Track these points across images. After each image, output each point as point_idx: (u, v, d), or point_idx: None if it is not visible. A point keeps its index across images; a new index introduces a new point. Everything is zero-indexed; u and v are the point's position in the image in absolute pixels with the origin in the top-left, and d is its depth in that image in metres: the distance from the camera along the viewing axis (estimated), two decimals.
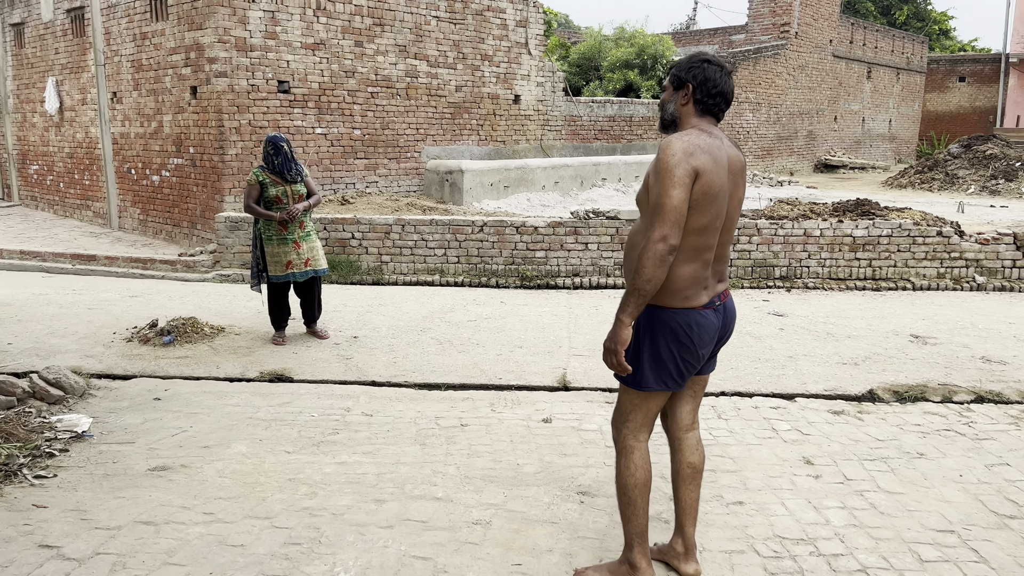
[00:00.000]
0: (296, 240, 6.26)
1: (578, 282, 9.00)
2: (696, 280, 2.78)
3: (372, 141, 11.75)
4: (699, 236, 2.73)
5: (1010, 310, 7.60)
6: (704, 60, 2.83)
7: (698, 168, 2.65)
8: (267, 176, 6.18)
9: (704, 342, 2.83)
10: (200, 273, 9.54)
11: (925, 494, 3.72)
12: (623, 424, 2.95)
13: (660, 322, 2.79)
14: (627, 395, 2.94)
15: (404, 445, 4.31)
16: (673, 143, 2.69)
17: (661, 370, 2.83)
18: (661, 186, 2.65)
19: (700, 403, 3.13)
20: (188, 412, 4.80)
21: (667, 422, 3.10)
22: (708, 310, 2.82)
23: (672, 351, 2.80)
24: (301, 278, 6.30)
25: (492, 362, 5.89)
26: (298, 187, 6.25)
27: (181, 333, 6.37)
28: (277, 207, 6.19)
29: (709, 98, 2.81)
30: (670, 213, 2.62)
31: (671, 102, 2.89)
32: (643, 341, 2.83)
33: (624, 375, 2.88)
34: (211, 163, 10.21)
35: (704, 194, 2.67)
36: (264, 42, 10.19)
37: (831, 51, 23.91)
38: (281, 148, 6.15)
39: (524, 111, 13.97)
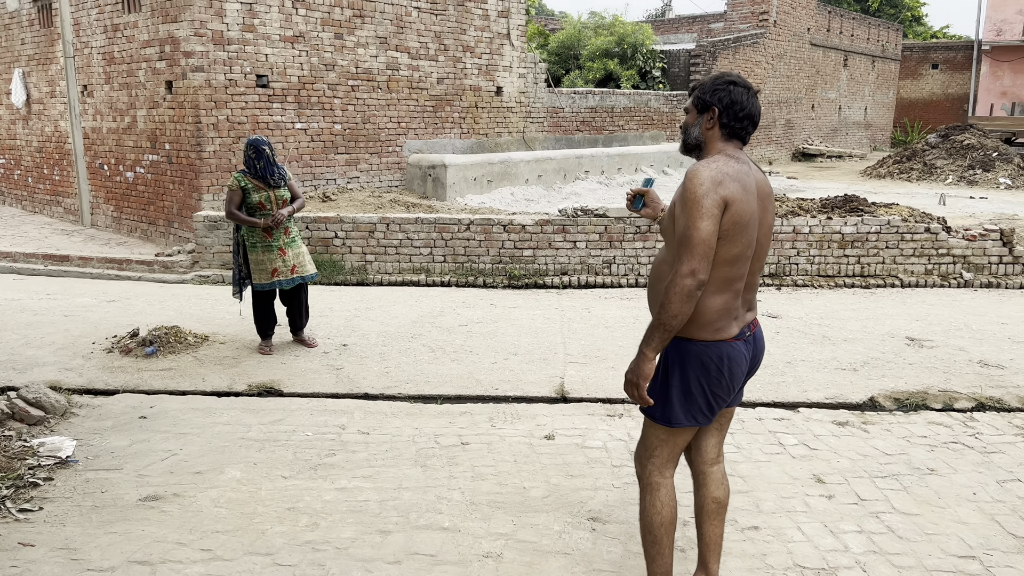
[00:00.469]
0: (282, 247, 6.06)
1: (567, 281, 8.88)
2: (727, 311, 2.67)
3: (353, 136, 11.52)
4: (730, 267, 2.62)
5: (1001, 309, 7.61)
6: (729, 82, 2.70)
7: (727, 197, 2.53)
8: (249, 181, 5.97)
9: (736, 375, 2.73)
10: (179, 274, 9.29)
11: (941, 515, 3.66)
12: (648, 460, 2.84)
13: (690, 355, 2.68)
14: (653, 430, 2.82)
15: (405, 467, 4.18)
16: (701, 172, 2.56)
17: (691, 405, 2.72)
18: (689, 218, 2.53)
19: (725, 436, 3.02)
20: (176, 432, 4.62)
21: (691, 455, 2.99)
22: (739, 341, 2.72)
23: (702, 385, 2.69)
24: (288, 285, 6.11)
25: (487, 371, 5.76)
26: (281, 192, 6.05)
27: (164, 343, 6.16)
28: (260, 213, 5.99)
29: (736, 121, 2.69)
30: (698, 246, 2.51)
31: (695, 126, 2.76)
32: (671, 375, 2.72)
33: (646, 407, 2.77)
34: (188, 160, 9.93)
35: (734, 224, 2.56)
36: (242, 35, 9.90)
37: (809, 39, 23.93)
38: (263, 152, 5.93)
39: (506, 103, 13.78)
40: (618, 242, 9.06)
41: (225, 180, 10.01)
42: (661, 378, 2.75)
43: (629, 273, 9.06)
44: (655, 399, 2.77)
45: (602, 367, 5.84)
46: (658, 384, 2.76)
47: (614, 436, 4.59)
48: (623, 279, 8.95)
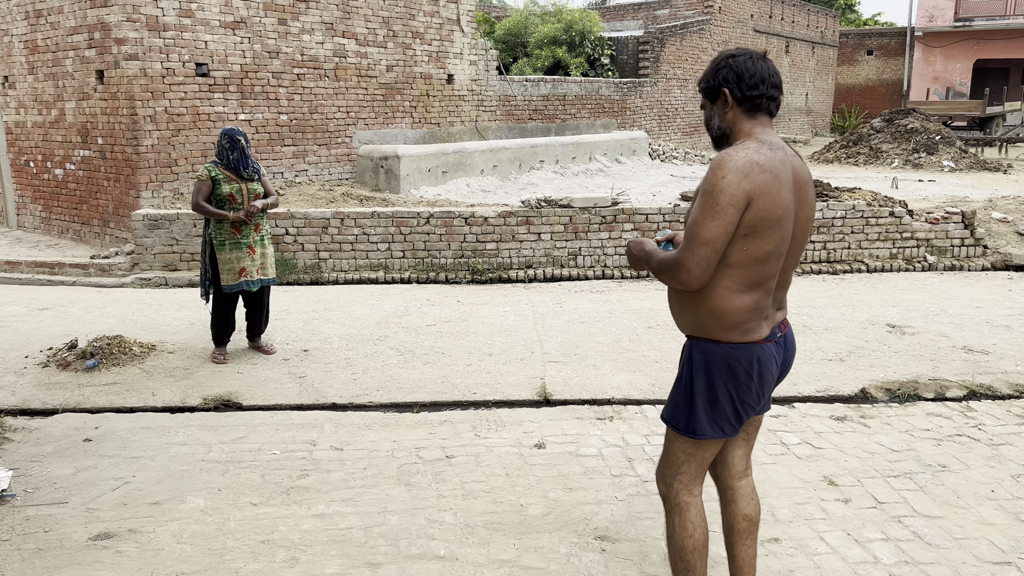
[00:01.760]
0: (251, 244, 5.62)
1: (532, 274, 8.57)
2: (757, 311, 2.39)
3: (300, 127, 10.98)
4: (762, 265, 2.34)
5: (972, 292, 7.57)
6: (728, 56, 2.45)
7: (753, 191, 2.25)
8: (220, 172, 5.52)
9: (766, 380, 2.45)
10: (117, 277, 8.68)
11: (964, 516, 3.47)
12: (674, 477, 2.55)
13: (716, 359, 2.40)
14: (678, 443, 2.53)
15: (388, 487, 3.81)
16: (726, 161, 2.28)
17: (718, 414, 2.44)
18: (700, 210, 2.27)
19: (753, 446, 2.75)
20: (127, 456, 4.16)
21: (716, 469, 2.71)
22: (769, 343, 2.44)
23: (730, 392, 2.41)
24: (255, 287, 5.67)
25: (462, 374, 5.41)
26: (254, 186, 5.63)
27: (107, 355, 5.64)
28: (230, 207, 5.54)
29: (751, 91, 2.41)
30: (701, 247, 2.25)
31: (713, 116, 2.50)
32: (696, 381, 2.44)
33: (668, 417, 2.50)
34: (124, 155, 9.29)
35: (763, 219, 2.27)
36: (179, 21, 9.28)
37: (752, 26, 24.05)
38: (237, 142, 5.50)
39: (458, 91, 13.37)
40: (583, 233, 8.78)
41: (165, 176, 9.40)
42: (685, 384, 2.47)
43: (595, 264, 8.80)
44: (679, 408, 2.49)
45: (583, 365, 5.55)
46: (682, 391, 2.48)
47: (608, 442, 4.30)
48: (589, 271, 8.68)
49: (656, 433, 4.42)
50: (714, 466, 2.73)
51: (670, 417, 2.51)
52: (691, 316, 2.43)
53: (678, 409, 2.48)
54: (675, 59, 20.16)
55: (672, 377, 5.29)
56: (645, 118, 19.24)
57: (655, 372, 5.41)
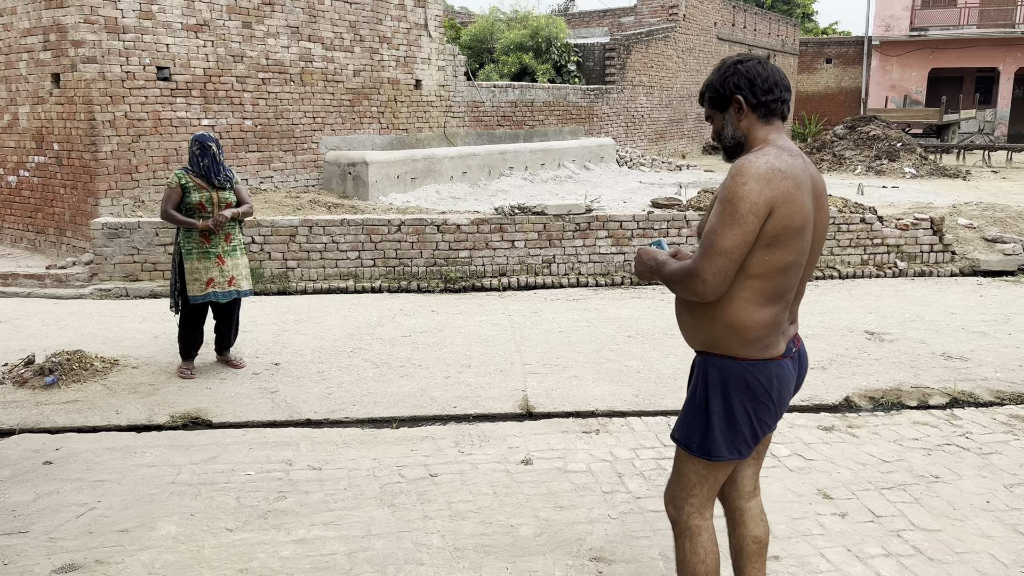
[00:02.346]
0: (220, 255, 5.41)
1: (506, 282, 8.45)
2: (776, 325, 2.29)
3: (265, 132, 10.72)
4: (782, 277, 2.24)
5: (945, 298, 7.62)
6: (735, 62, 2.34)
7: (775, 199, 2.14)
8: (191, 179, 5.31)
9: (784, 398, 2.36)
10: (75, 288, 8.35)
11: (963, 529, 3.41)
12: (685, 500, 2.44)
13: (734, 377, 2.29)
14: (691, 465, 2.42)
15: (370, 509, 3.64)
16: (747, 166, 2.17)
17: (735, 435, 2.33)
18: (719, 219, 2.15)
19: (762, 465, 2.65)
20: (92, 480, 3.93)
21: (725, 489, 2.60)
22: (787, 359, 2.35)
23: (747, 411, 2.31)
24: (223, 298, 5.45)
25: (441, 387, 5.26)
26: (226, 194, 5.42)
27: (66, 371, 5.38)
28: (200, 215, 5.33)
29: (765, 95, 2.31)
30: (719, 256, 2.15)
31: (726, 125, 2.37)
32: (712, 400, 2.32)
33: (680, 437, 2.39)
34: (81, 161, 8.96)
35: (785, 228, 2.17)
36: (139, 23, 8.99)
37: (716, 33, 24.26)
38: (208, 148, 5.31)
39: (426, 97, 13.21)
40: (557, 240, 8.68)
41: (125, 183, 9.09)
42: (700, 403, 2.36)
43: (570, 272, 8.70)
44: (693, 428, 2.37)
45: (564, 376, 5.43)
46: (696, 410, 2.37)
47: (596, 456, 4.19)
48: (564, 279, 8.58)
49: (644, 447, 4.31)
50: (722, 487, 2.62)
51: (683, 437, 2.40)
52: (706, 331, 2.32)
53: (691, 429, 2.37)
54: (641, 66, 20.23)
55: (655, 387, 5.22)
56: (612, 125, 19.27)
57: (638, 383, 5.31)
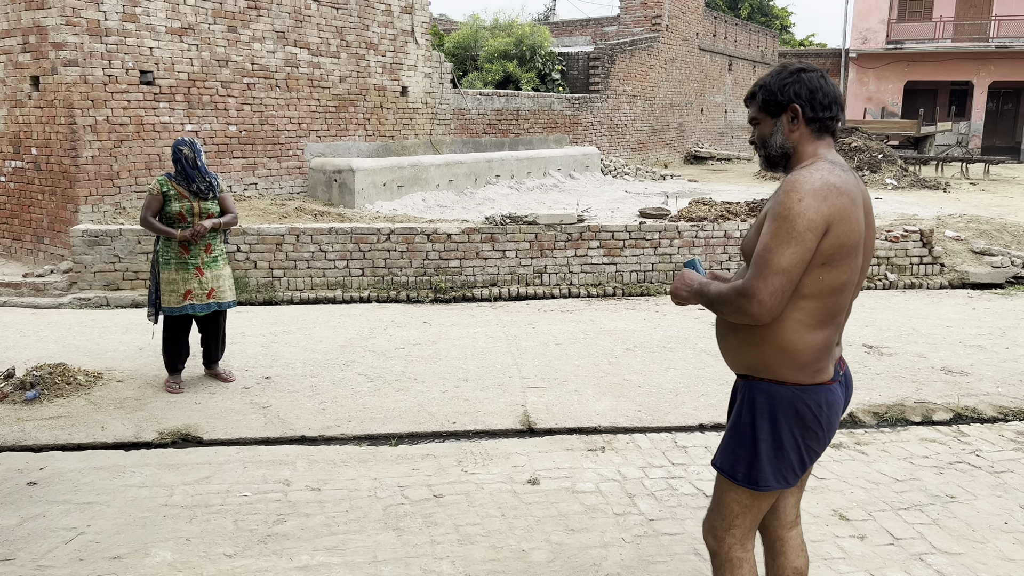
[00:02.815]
0: (199, 266, 5.22)
1: (497, 292, 8.33)
2: (828, 348, 2.20)
3: (250, 138, 10.53)
4: (836, 297, 2.15)
5: (939, 311, 7.62)
6: (798, 70, 2.24)
7: (832, 216, 2.05)
8: (173, 187, 5.14)
9: (833, 424, 2.27)
10: (53, 297, 8.11)
11: (984, 552, 3.34)
12: (726, 531, 2.33)
13: (783, 403, 2.19)
14: (734, 495, 2.31)
15: (375, 532, 3.50)
16: (801, 181, 2.08)
17: (782, 463, 2.23)
18: (774, 237, 2.05)
19: (803, 494, 2.55)
20: (80, 502, 3.75)
21: (765, 519, 2.50)
22: (835, 383, 2.25)
23: (796, 438, 2.21)
24: (202, 311, 5.27)
25: (439, 402, 5.13)
26: (208, 204, 5.24)
27: (48, 384, 5.18)
28: (180, 226, 5.16)
29: (823, 111, 2.22)
30: (776, 275, 2.04)
31: (775, 133, 2.26)
32: (759, 428, 2.22)
33: (723, 465, 2.28)
34: (61, 167, 8.72)
35: (841, 246, 2.08)
36: (122, 25, 8.78)
37: (697, 44, 24.36)
38: (180, 153, 5.12)
39: (412, 104, 13.08)
40: (549, 250, 8.58)
41: (106, 189, 8.87)
42: (746, 431, 2.25)
43: (561, 283, 8.60)
44: (738, 457, 2.27)
45: (565, 391, 5.32)
46: (741, 438, 2.26)
47: (604, 476, 4.08)
48: (556, 289, 8.48)
49: (652, 465, 4.21)
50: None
51: (727, 466, 2.29)
52: (753, 354, 2.21)
53: (737, 457, 2.26)
54: (625, 76, 20.25)
55: (658, 402, 5.12)
56: (596, 134, 19.24)
57: (640, 397, 5.22)
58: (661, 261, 8.78)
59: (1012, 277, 8.96)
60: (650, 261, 8.75)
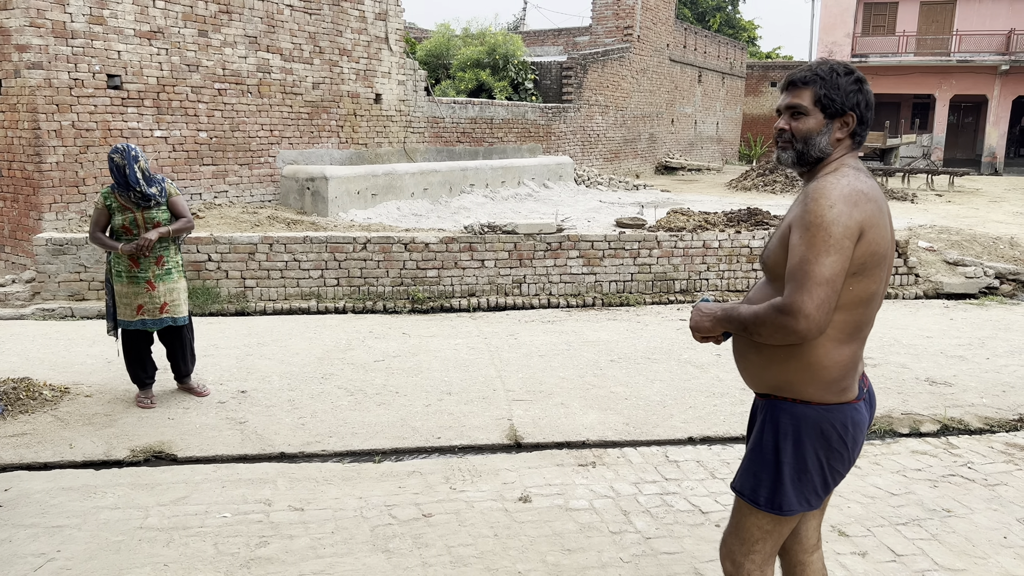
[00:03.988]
0: (151, 279, 4.98)
1: (476, 303, 8.21)
2: (854, 365, 2.13)
3: (220, 145, 10.30)
4: (864, 308, 2.07)
5: (917, 322, 7.65)
6: (861, 79, 2.14)
7: (864, 223, 1.98)
8: (115, 199, 4.92)
9: (859, 444, 2.18)
10: (15, 308, 7.81)
11: (987, 568, 3.29)
12: (746, 556, 2.24)
13: (808, 424, 2.10)
14: (755, 519, 2.21)
15: (363, 555, 3.36)
16: (829, 189, 2.00)
17: (805, 486, 2.14)
18: (810, 248, 1.95)
19: (824, 516, 2.46)
20: (48, 526, 3.55)
21: (787, 542, 2.41)
22: (860, 402, 2.17)
23: (820, 460, 2.13)
24: (154, 327, 5.04)
25: (422, 416, 4.99)
26: (154, 213, 4.96)
27: (12, 400, 4.95)
28: (126, 239, 4.94)
29: (865, 128, 2.16)
30: (820, 287, 1.94)
31: (823, 134, 2.13)
32: (783, 450, 2.13)
33: (742, 490, 2.19)
34: (24, 173, 8.44)
35: (872, 255, 2.01)
36: (89, 28, 8.54)
37: (668, 55, 24.53)
38: (111, 161, 4.83)
39: (386, 111, 12.93)
40: (528, 260, 8.49)
41: (71, 196, 8.60)
42: (769, 454, 2.16)
43: (541, 293, 8.51)
44: (760, 480, 2.17)
45: (550, 404, 5.22)
46: (763, 461, 2.17)
47: (597, 492, 3.97)
48: (535, 299, 8.38)
49: (645, 481, 4.12)
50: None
51: (748, 491, 2.19)
52: (777, 372, 2.12)
53: (759, 481, 2.17)
54: (597, 86, 20.29)
55: (646, 415, 5.04)
56: (569, 143, 19.24)
57: (627, 410, 5.13)
58: (640, 271, 8.73)
59: (985, 287, 9.06)
60: (629, 271, 8.69)
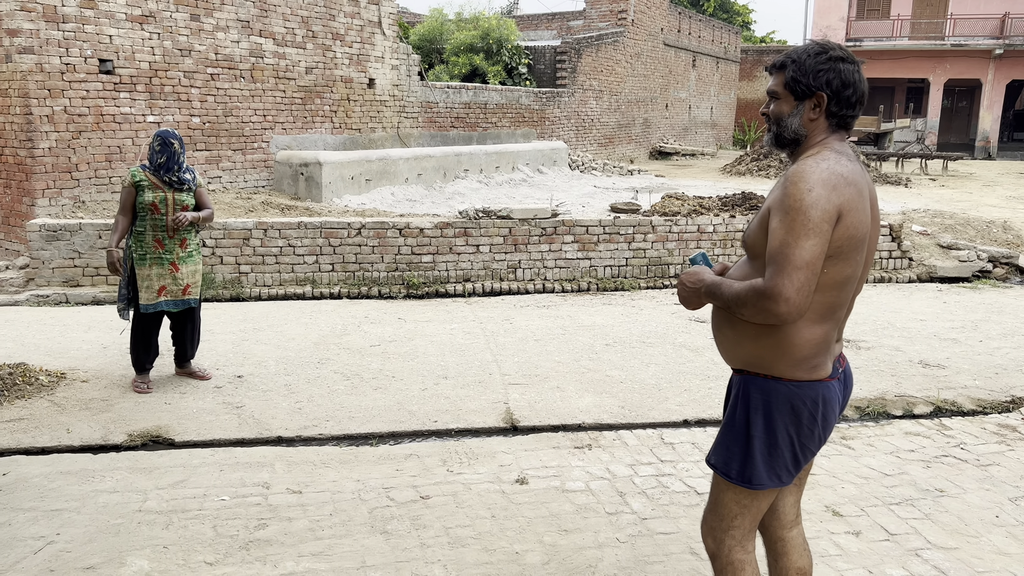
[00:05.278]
0: (175, 261, 5.05)
1: (471, 288, 8.22)
2: (826, 344, 2.14)
3: (213, 130, 10.26)
4: (838, 291, 2.09)
5: (911, 305, 7.70)
6: (837, 58, 2.13)
7: (842, 207, 2.00)
8: (147, 177, 4.96)
9: (830, 422, 2.21)
10: (9, 295, 7.79)
11: (978, 546, 3.33)
12: (725, 532, 2.27)
13: (779, 399, 2.13)
14: (731, 494, 2.25)
15: (362, 536, 3.38)
16: (808, 172, 2.01)
17: (776, 461, 2.18)
18: (790, 231, 1.97)
19: (803, 493, 2.49)
20: (47, 509, 3.57)
21: (765, 519, 2.44)
22: (833, 380, 2.19)
23: (791, 436, 2.16)
24: (174, 308, 5.09)
25: (419, 400, 5.01)
26: (183, 196, 5.07)
27: (9, 386, 4.95)
28: (152, 216, 4.97)
29: (847, 109, 2.14)
30: (798, 271, 1.95)
31: (794, 115, 2.17)
32: (753, 424, 2.17)
33: (716, 463, 2.23)
34: (16, 159, 8.39)
35: (849, 239, 2.03)
36: (80, 12, 8.47)
37: (662, 39, 24.45)
38: (169, 145, 4.96)
39: (379, 96, 12.88)
40: (523, 245, 8.49)
41: (64, 182, 8.56)
42: (740, 427, 2.19)
43: (536, 278, 8.52)
44: (732, 453, 2.21)
45: (546, 387, 5.24)
46: (735, 435, 2.20)
47: (594, 474, 4.00)
48: (530, 284, 8.40)
49: (641, 463, 4.15)
50: (762, 516, 2.46)
51: (720, 463, 2.23)
52: (749, 349, 2.15)
53: (730, 454, 2.20)
54: (591, 70, 20.22)
55: (640, 398, 5.07)
56: (563, 128, 19.20)
57: (622, 393, 5.16)
58: (635, 256, 8.74)
59: (978, 271, 9.11)
60: (624, 256, 8.71)
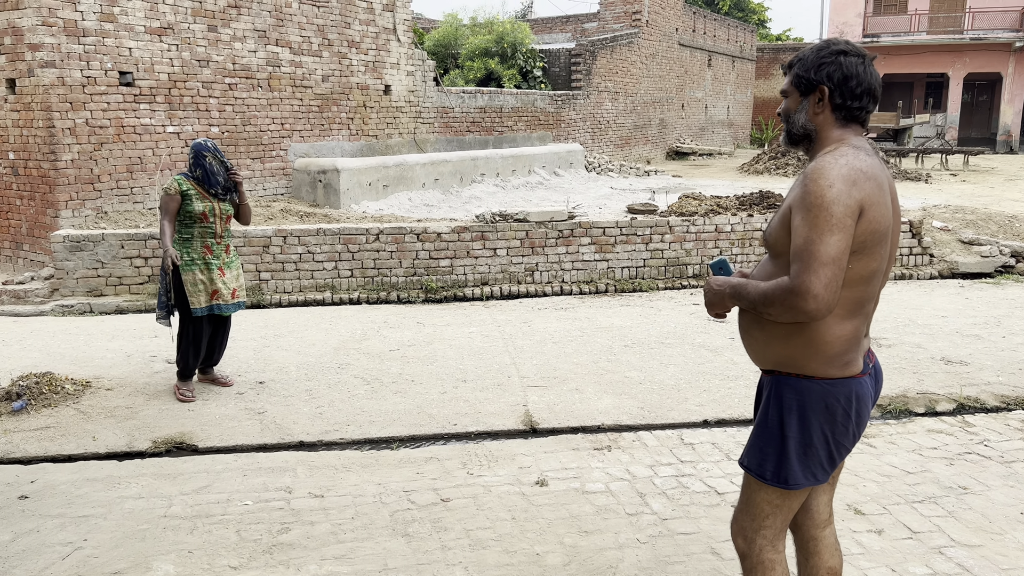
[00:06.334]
0: (221, 266, 5.16)
1: (489, 291, 8.24)
2: (856, 340, 2.13)
3: (232, 139, 10.37)
4: (865, 286, 2.08)
5: (933, 301, 7.63)
6: (838, 51, 2.14)
7: (863, 201, 1.99)
8: (193, 186, 5.06)
9: (863, 418, 2.20)
10: (35, 305, 7.92)
11: (1003, 543, 3.30)
12: (757, 532, 2.26)
13: (812, 398, 2.12)
14: (763, 494, 2.24)
15: (383, 539, 3.41)
16: (828, 168, 2.01)
17: (811, 460, 2.17)
18: (813, 228, 1.97)
19: (835, 491, 2.48)
20: (75, 516, 3.63)
21: (797, 518, 2.43)
22: (865, 376, 2.19)
23: (826, 434, 2.15)
24: (227, 311, 5.20)
25: (438, 403, 5.04)
26: (226, 205, 5.21)
27: (36, 395, 5.03)
28: (201, 226, 5.08)
29: (853, 100, 2.14)
30: (825, 267, 1.95)
31: (800, 111, 2.20)
32: (788, 425, 2.16)
33: (750, 465, 2.22)
34: (40, 171, 8.52)
35: (872, 233, 2.02)
36: (100, 26, 8.60)
37: (677, 39, 24.39)
38: (203, 158, 5.06)
39: (395, 102, 12.95)
40: (540, 248, 8.51)
41: (87, 193, 8.69)
42: (774, 428, 2.19)
43: (553, 280, 8.53)
44: (766, 455, 2.20)
45: (565, 390, 5.25)
46: (769, 436, 2.20)
47: (613, 475, 4.01)
48: (548, 287, 8.41)
49: (661, 463, 4.15)
50: (794, 515, 2.45)
51: (755, 466, 2.22)
52: (779, 349, 2.14)
53: (765, 456, 2.20)
54: (606, 72, 20.21)
55: (660, 399, 5.06)
56: (579, 131, 19.20)
57: (641, 394, 5.15)
58: (653, 257, 8.73)
59: (1001, 266, 9.01)
60: (642, 257, 8.70)
